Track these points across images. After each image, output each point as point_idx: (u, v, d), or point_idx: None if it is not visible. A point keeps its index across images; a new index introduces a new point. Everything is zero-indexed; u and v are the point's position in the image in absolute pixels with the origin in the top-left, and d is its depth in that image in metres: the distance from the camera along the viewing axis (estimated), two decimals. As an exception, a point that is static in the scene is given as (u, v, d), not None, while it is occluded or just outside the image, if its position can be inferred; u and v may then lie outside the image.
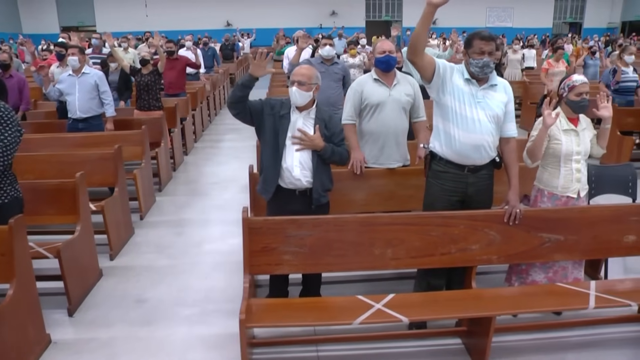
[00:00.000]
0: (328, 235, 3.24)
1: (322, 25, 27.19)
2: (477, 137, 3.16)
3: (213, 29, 25.83)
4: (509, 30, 27.78)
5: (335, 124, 3.48)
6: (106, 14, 27.69)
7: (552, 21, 31.09)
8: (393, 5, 29.79)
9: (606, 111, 3.46)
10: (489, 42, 3.09)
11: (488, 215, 3.32)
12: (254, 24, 25.05)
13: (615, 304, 3.08)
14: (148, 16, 27.34)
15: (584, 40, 17.61)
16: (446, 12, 31.12)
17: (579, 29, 30.74)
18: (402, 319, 2.90)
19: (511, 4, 30.09)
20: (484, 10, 30.12)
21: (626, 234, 3.44)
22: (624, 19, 30.30)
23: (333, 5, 28.72)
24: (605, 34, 24.72)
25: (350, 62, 9.09)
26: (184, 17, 27.32)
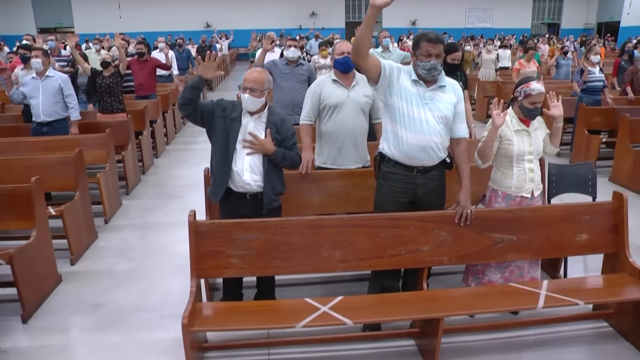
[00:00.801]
0: (275, 238, 3.22)
1: (302, 26, 27.20)
2: (424, 138, 3.14)
3: (193, 30, 25.74)
4: (488, 31, 28.05)
5: (286, 128, 3.44)
6: (84, 15, 27.43)
7: (531, 22, 31.44)
8: (373, 7, 29.86)
9: (557, 110, 3.48)
10: (436, 45, 3.06)
11: (438, 216, 3.30)
12: (234, 25, 24.98)
13: (564, 303, 3.08)
14: (122, 17, 27.11)
15: (558, 41, 17.79)
16: (426, 13, 31.67)
17: (557, 29, 31.12)
18: (347, 321, 2.86)
19: (490, 5, 30.38)
20: (463, 12, 30.38)
21: (579, 233, 3.45)
22: (599, 20, 30.72)
23: (313, 7, 28.74)
24: (582, 34, 24.99)
25: (321, 62, 9.08)
26: (163, 18, 27.21)
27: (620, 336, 3.49)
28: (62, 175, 5.02)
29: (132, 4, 27.40)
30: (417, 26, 28.79)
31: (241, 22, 26.41)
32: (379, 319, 3.11)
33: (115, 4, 27.39)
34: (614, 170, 6.93)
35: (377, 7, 2.80)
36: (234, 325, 3.05)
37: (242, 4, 27.96)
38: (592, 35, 26.94)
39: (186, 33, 23.08)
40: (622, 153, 6.75)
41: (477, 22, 30.58)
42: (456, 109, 3.25)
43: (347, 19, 29.58)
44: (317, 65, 9.09)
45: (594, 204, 3.57)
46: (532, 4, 31.14)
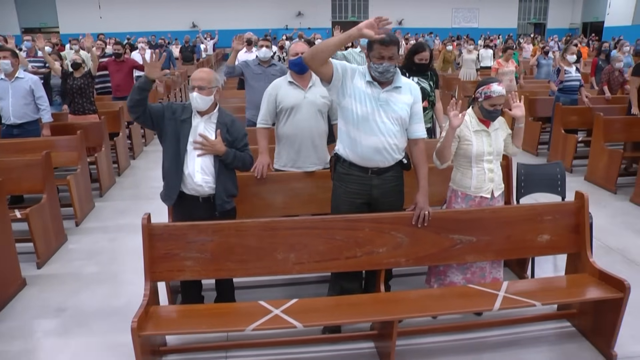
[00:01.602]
0: (229, 240, 3.18)
1: (288, 26, 27.15)
2: (378, 139, 3.11)
3: (179, 30, 25.59)
4: (474, 31, 28.13)
5: (237, 129, 3.41)
6: (69, 14, 27.21)
7: (517, 22, 31.58)
8: (359, 6, 29.92)
9: (519, 110, 3.46)
10: (388, 47, 3.01)
11: (395, 218, 3.27)
12: (220, 26, 24.91)
13: (521, 304, 3.06)
14: (108, 18, 26.89)
15: (540, 41, 17.86)
16: (412, 13, 31.71)
17: (542, 29, 31.30)
18: (297, 324, 2.83)
19: (476, 5, 30.48)
20: (450, 11, 30.47)
21: (540, 234, 3.43)
22: (584, 20, 30.94)
23: (299, 6, 28.70)
24: (567, 34, 25.15)
25: (301, 63, 9.06)
26: (148, 18, 27.07)
27: (582, 336, 3.48)
28: (29, 178, 4.95)
29: (117, 4, 27.22)
30: (403, 26, 28.82)
31: (227, 22, 26.30)
32: (331, 322, 3.08)
33: (106, 3, 27.16)
34: (589, 169, 6.95)
35: (364, 34, 2.80)
36: (184, 328, 3.00)
37: (229, 4, 27.87)
38: (577, 35, 27.12)
39: (172, 33, 22.98)
40: (597, 152, 6.76)
41: (464, 21, 30.68)
42: (413, 110, 3.22)
43: (333, 18, 29.53)
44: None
45: (555, 204, 3.54)
46: (518, 4, 31.29)
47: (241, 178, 3.87)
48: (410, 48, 4.97)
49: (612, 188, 6.46)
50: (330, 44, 2.93)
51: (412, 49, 4.88)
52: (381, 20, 2.82)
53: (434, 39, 22.94)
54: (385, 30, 2.89)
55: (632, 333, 3.53)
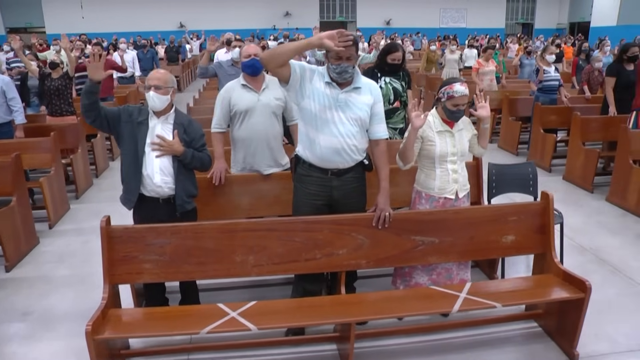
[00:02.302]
0: (187, 242, 3.15)
1: (276, 27, 27.11)
2: (337, 140, 3.09)
3: (166, 30, 25.49)
4: (462, 31, 28.21)
5: (194, 129, 3.39)
6: (55, 14, 26.90)
7: (505, 22, 31.69)
8: (347, 6, 29.89)
9: (484, 111, 3.44)
10: (346, 47, 2.97)
11: (355, 219, 3.24)
12: (208, 26, 24.83)
13: (481, 305, 3.03)
14: (85, 18, 26.65)
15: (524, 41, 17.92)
16: (400, 13, 31.67)
17: (530, 29, 31.43)
18: (251, 327, 2.80)
19: (464, 5, 30.55)
20: (438, 11, 30.51)
21: (505, 234, 3.41)
22: (571, 20, 31.11)
23: (287, 6, 28.64)
24: (554, 34, 25.28)
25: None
26: (136, 18, 26.90)
27: (548, 336, 3.48)
28: (-2, 180, 4.89)
29: (103, 4, 27.00)
30: (391, 26, 28.84)
31: (215, 22, 26.21)
32: (286, 324, 3.04)
33: (91, 3, 26.96)
34: (567, 169, 6.96)
35: (324, 45, 2.82)
36: (139, 331, 2.98)
37: (216, 4, 27.75)
38: (565, 35, 27.27)
39: (160, 33, 22.86)
40: (574, 151, 6.78)
41: (452, 22, 30.74)
42: (373, 110, 3.19)
43: (321, 18, 29.49)
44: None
45: (520, 205, 3.53)
46: (505, 5, 31.37)
47: (207, 180, 3.88)
48: (383, 48, 4.96)
49: (589, 187, 6.48)
50: (289, 49, 2.93)
51: (384, 49, 4.87)
52: (343, 34, 2.89)
53: (421, 39, 22.97)
54: (345, 45, 2.90)
55: (596, 332, 3.54)
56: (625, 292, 4.11)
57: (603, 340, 3.47)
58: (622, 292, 4.10)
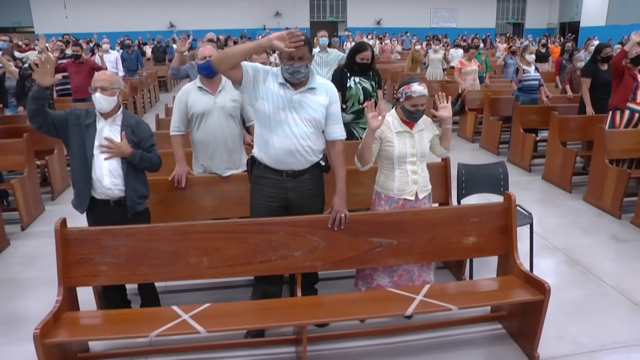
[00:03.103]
0: (142, 244, 3.12)
1: (266, 27, 27.06)
2: (291, 142, 3.06)
3: (156, 30, 25.38)
4: (453, 31, 28.25)
5: (143, 130, 3.36)
6: (44, 14, 26.72)
7: (495, 21, 31.75)
8: (337, 6, 29.86)
9: (445, 112, 3.40)
10: (298, 48, 2.95)
11: (310, 221, 3.21)
12: (198, 26, 24.73)
13: (436, 308, 3.00)
14: (68, 17, 26.47)
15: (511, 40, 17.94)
16: (390, 13, 31.68)
17: (521, 29, 31.50)
18: (200, 330, 2.77)
19: (455, 5, 30.59)
20: (428, 11, 30.53)
21: (466, 236, 3.38)
22: (561, 20, 31.20)
23: (277, 6, 28.57)
24: (544, 34, 25.34)
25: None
26: (126, 18, 26.80)
27: (511, 338, 3.45)
28: (-35, 182, 4.85)
29: (93, 4, 26.85)
30: (382, 26, 28.86)
31: (205, 22, 26.09)
32: (235, 327, 2.99)
33: (81, 3, 26.79)
34: (546, 169, 6.95)
35: (274, 46, 2.83)
36: (89, 335, 2.96)
37: (206, 3, 27.68)
38: (555, 34, 27.38)
39: (150, 33, 22.78)
40: (553, 151, 6.77)
41: (442, 21, 30.75)
42: (329, 111, 3.16)
43: (311, 18, 29.47)
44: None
45: (481, 206, 3.49)
46: (496, 4, 31.42)
47: (170, 181, 3.87)
48: (352, 47, 4.93)
49: (567, 187, 6.47)
50: (239, 51, 2.91)
51: (352, 49, 4.84)
52: (294, 35, 2.87)
53: (410, 39, 22.97)
54: (296, 45, 2.88)
55: (561, 333, 3.53)
56: (593, 292, 4.10)
57: (566, 342, 3.45)
58: (589, 293, 4.09)
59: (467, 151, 8.57)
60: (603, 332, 3.55)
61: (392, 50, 16.79)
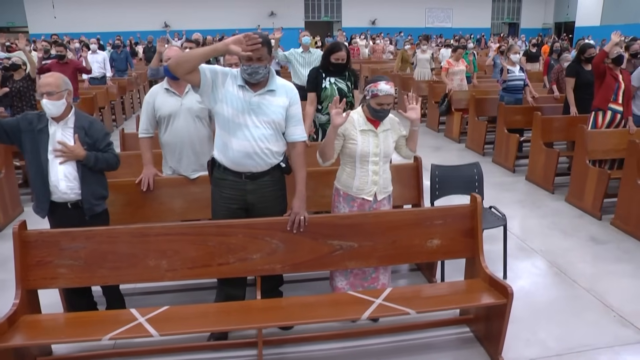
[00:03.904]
0: (102, 247, 3.10)
1: (261, 26, 27.00)
2: (249, 144, 3.04)
3: (150, 30, 25.28)
4: (448, 31, 28.22)
5: (96, 130, 3.31)
6: (39, 14, 26.64)
7: (491, 21, 31.72)
8: (332, 6, 29.83)
9: (413, 113, 3.34)
10: (256, 49, 2.93)
11: (269, 223, 3.19)
12: (192, 26, 24.67)
13: (393, 312, 2.97)
14: (56, 17, 26.33)
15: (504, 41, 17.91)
16: (385, 13, 31.62)
17: (516, 29, 31.49)
18: (154, 333, 2.75)
19: (450, 5, 30.56)
20: (423, 11, 30.50)
21: (430, 238, 3.34)
22: (556, 20, 31.20)
23: (271, 6, 28.52)
24: (539, 34, 25.34)
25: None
26: (120, 18, 26.73)
27: (477, 341, 3.42)
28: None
29: (86, 4, 26.77)
30: (376, 26, 28.83)
31: (200, 22, 26.07)
32: (189, 330, 2.94)
33: (74, 2, 26.70)
34: (529, 169, 6.92)
35: (230, 50, 2.82)
36: (44, 338, 2.90)
37: (201, 3, 27.62)
38: (550, 34, 27.38)
39: (144, 33, 22.69)
40: (536, 151, 6.73)
41: (437, 21, 30.72)
42: (289, 113, 3.15)
43: (306, 18, 29.43)
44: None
45: (446, 208, 3.45)
46: (491, 4, 31.40)
47: (139, 183, 3.84)
48: (326, 48, 4.89)
49: (550, 188, 6.44)
50: (196, 55, 2.90)
51: (327, 49, 4.79)
52: (250, 38, 2.84)
53: (404, 39, 22.95)
54: (253, 49, 2.86)
55: (529, 336, 3.50)
56: (566, 295, 4.07)
57: (534, 345, 3.42)
58: (562, 295, 4.06)
59: (453, 151, 8.54)
60: (572, 335, 3.52)
61: (383, 50, 16.77)
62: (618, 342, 3.47)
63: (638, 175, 5.09)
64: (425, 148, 8.74)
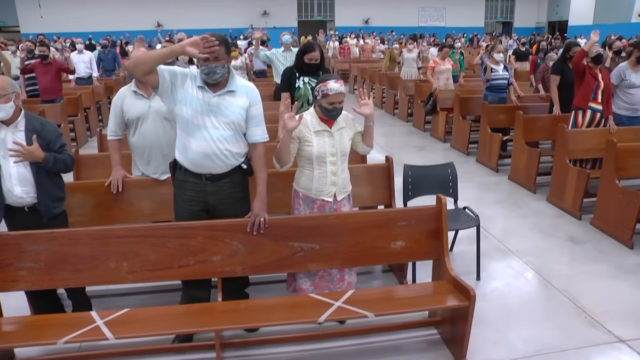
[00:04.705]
0: (63, 249, 3.07)
1: (253, 26, 26.95)
2: (208, 145, 3.02)
3: (143, 29, 25.24)
4: (441, 30, 28.19)
5: (49, 132, 3.25)
6: (30, 13, 26.57)
7: (484, 20, 31.73)
8: (325, 5, 29.81)
9: (366, 109, 3.29)
10: (212, 50, 2.91)
11: (229, 225, 3.16)
12: (185, 25, 24.64)
13: (351, 315, 2.95)
14: (43, 17, 26.25)
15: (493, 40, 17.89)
16: (379, 12, 31.64)
17: (510, 28, 31.51)
18: (109, 336, 2.74)
19: (443, 4, 30.57)
20: (417, 10, 30.50)
21: (394, 240, 3.31)
22: (549, 19, 31.24)
23: (264, 6, 28.50)
24: (532, 33, 25.36)
25: (232, 64, 8.85)
26: (114, 17, 26.68)
27: (444, 344, 3.39)
28: None
29: (78, 3, 26.68)
30: (370, 25, 28.80)
31: (193, 22, 26.05)
32: (144, 334, 2.93)
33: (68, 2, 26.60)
34: (512, 169, 6.89)
35: (187, 52, 2.83)
36: (3, 342, 2.89)
37: (194, 3, 27.58)
38: (543, 33, 27.41)
39: (136, 32, 22.61)
40: (518, 151, 6.71)
41: (431, 20, 30.71)
42: (250, 113, 3.12)
43: (299, 17, 29.43)
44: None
45: (411, 209, 3.43)
46: (484, 3, 31.43)
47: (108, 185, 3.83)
48: (300, 48, 4.86)
49: (532, 187, 6.41)
50: (153, 56, 2.89)
51: (301, 49, 4.76)
52: (207, 40, 2.84)
53: (397, 38, 22.93)
54: (210, 51, 2.86)
55: (498, 338, 3.48)
56: (539, 296, 4.05)
57: (501, 347, 3.40)
58: (535, 297, 4.04)
59: (438, 151, 8.51)
60: (540, 337, 3.50)
61: (373, 50, 16.75)
62: (586, 343, 3.45)
63: (616, 174, 5.07)
64: (410, 147, 8.74)
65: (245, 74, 9.05)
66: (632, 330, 3.57)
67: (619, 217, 4.99)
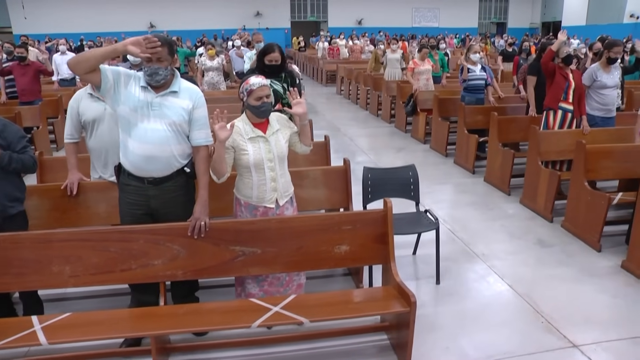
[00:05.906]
0: (6, 253, 3.06)
1: (246, 27, 26.95)
2: (149, 147, 3.01)
3: (136, 30, 25.21)
4: (435, 30, 28.17)
5: (11, 133, 3.25)
6: (23, 14, 26.54)
7: (478, 21, 31.72)
8: (318, 6, 29.82)
9: (299, 108, 3.25)
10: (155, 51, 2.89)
11: (170, 229, 3.15)
12: (178, 26, 24.72)
13: (287, 320, 2.93)
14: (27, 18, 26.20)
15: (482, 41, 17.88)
16: (372, 13, 31.69)
17: (504, 28, 31.50)
18: (43, 342, 2.73)
19: (437, 5, 30.56)
20: (410, 11, 30.49)
21: (338, 244, 3.28)
22: (543, 20, 31.25)
23: (257, 6, 28.53)
24: (526, 33, 25.33)
25: (208, 64, 8.83)
26: (106, 17, 26.75)
27: (392, 350, 3.35)
28: None
29: (70, 4, 26.68)
30: (363, 25, 28.79)
31: (186, 23, 26.11)
32: (79, 339, 2.88)
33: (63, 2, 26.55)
34: (487, 170, 6.84)
35: (128, 51, 2.83)
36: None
37: (187, 3, 27.62)
38: (537, 34, 27.39)
39: (129, 33, 22.57)
40: (493, 152, 6.66)
41: (424, 21, 30.70)
42: (193, 116, 3.10)
43: (292, 18, 29.45)
44: (204, 67, 8.84)
45: (355, 213, 3.40)
46: (478, 4, 31.44)
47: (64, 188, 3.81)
48: (260, 49, 4.81)
49: (506, 189, 6.36)
50: (95, 55, 2.88)
51: (261, 50, 4.72)
52: (150, 40, 2.85)
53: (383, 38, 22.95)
54: (152, 51, 2.86)
55: (449, 344, 3.44)
56: (498, 301, 4.00)
57: (452, 353, 3.36)
58: (495, 301, 3.99)
59: (417, 152, 8.46)
60: (493, 343, 3.45)
61: (362, 51, 16.71)
62: (539, 349, 3.40)
63: (585, 176, 5.02)
64: (389, 149, 8.69)
65: (221, 75, 8.99)
66: (587, 335, 3.52)
67: (587, 220, 4.95)
